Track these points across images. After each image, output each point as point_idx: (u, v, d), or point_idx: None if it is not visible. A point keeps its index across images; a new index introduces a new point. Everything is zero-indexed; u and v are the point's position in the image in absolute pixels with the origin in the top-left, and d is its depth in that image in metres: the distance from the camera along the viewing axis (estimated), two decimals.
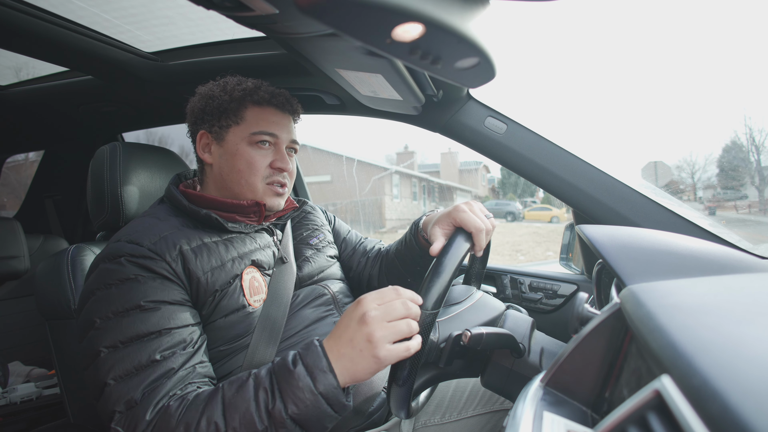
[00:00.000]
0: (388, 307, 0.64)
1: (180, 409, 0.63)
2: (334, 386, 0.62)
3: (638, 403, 0.31)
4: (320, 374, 0.62)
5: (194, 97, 0.97)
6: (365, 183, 17.05)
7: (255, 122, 0.92)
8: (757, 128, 19.91)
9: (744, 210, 14.85)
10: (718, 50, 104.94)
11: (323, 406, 0.61)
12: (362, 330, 0.62)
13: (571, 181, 1.08)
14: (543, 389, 0.50)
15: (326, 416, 0.62)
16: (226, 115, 0.92)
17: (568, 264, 1.43)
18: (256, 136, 0.91)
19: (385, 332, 0.62)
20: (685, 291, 0.44)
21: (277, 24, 0.62)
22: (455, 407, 1.01)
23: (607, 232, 0.66)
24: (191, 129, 0.97)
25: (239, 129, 0.92)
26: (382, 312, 0.63)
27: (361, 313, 0.63)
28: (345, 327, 0.64)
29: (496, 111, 1.16)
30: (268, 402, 0.62)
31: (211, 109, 0.92)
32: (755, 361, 0.28)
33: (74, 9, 1.07)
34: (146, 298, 0.72)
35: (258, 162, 0.92)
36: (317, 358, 0.63)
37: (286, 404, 0.61)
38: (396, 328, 0.63)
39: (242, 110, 0.92)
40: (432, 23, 0.36)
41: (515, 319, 0.77)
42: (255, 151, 0.92)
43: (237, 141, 0.91)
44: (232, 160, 0.91)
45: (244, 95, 0.92)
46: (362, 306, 0.64)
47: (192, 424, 0.61)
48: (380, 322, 0.62)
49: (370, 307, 0.63)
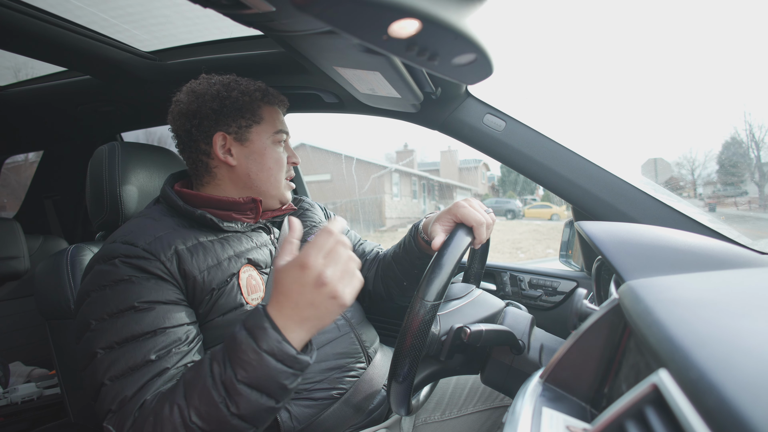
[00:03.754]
0: (334, 255, 0.62)
1: (152, 401, 0.64)
2: (278, 340, 0.60)
3: (636, 397, 0.31)
4: (261, 332, 0.60)
5: (187, 97, 0.92)
6: (365, 182, 17.05)
7: (272, 122, 0.95)
8: (756, 124, 19.88)
9: (744, 206, 14.84)
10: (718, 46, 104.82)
11: (272, 363, 0.60)
12: (322, 291, 0.60)
13: (571, 178, 1.08)
14: (542, 385, 0.50)
15: (279, 373, 0.60)
16: (244, 115, 0.92)
17: (568, 261, 1.43)
18: (278, 135, 0.96)
19: (344, 281, 0.62)
20: (684, 286, 0.44)
21: (275, 22, 0.61)
22: (455, 404, 1.02)
23: (606, 229, 0.66)
24: (194, 130, 0.91)
25: (261, 128, 0.94)
26: (333, 264, 0.62)
27: (315, 276, 0.60)
28: (298, 293, 0.61)
29: (495, 108, 1.16)
30: (221, 372, 0.61)
31: (228, 109, 0.90)
32: (752, 354, 0.28)
33: (72, 9, 1.07)
34: (140, 299, 0.72)
35: (283, 159, 0.97)
36: (258, 319, 0.61)
37: (235, 370, 0.60)
38: (349, 270, 0.63)
39: (259, 110, 0.94)
40: (428, 19, 0.36)
41: (515, 316, 0.77)
42: (279, 149, 0.96)
43: (263, 140, 0.94)
44: (261, 160, 0.93)
45: (261, 95, 0.94)
46: (312, 269, 0.60)
47: (159, 412, 0.62)
48: (336, 275, 0.61)
49: (321, 266, 0.61)
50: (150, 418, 0.62)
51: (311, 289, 0.61)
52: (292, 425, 0.85)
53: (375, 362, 1.00)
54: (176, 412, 0.61)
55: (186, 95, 0.92)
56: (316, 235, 0.63)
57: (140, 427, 0.62)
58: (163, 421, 0.61)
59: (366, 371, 0.97)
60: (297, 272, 0.61)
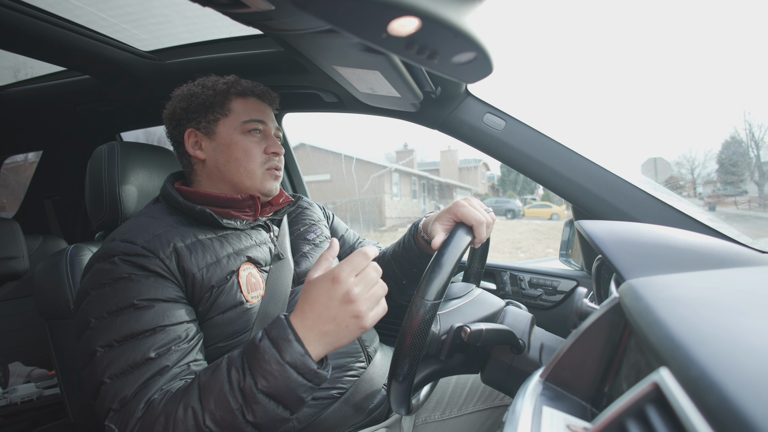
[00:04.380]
0: (365, 276, 0.64)
1: (162, 402, 0.64)
2: (301, 354, 0.61)
3: (637, 395, 0.31)
4: (285, 344, 0.61)
5: (171, 101, 0.98)
6: (364, 181, 17.05)
7: (243, 112, 0.95)
8: (756, 124, 19.86)
9: (744, 205, 14.84)
10: (718, 46, 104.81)
11: (293, 376, 0.61)
12: (347, 308, 0.62)
13: (570, 177, 1.08)
14: (542, 384, 0.50)
15: (299, 386, 0.61)
16: (213, 109, 0.94)
17: (568, 260, 1.43)
18: (248, 124, 0.94)
19: (369, 303, 0.64)
20: (684, 284, 0.44)
21: (274, 21, 0.61)
22: (455, 403, 1.01)
23: (606, 228, 0.66)
24: (174, 131, 0.97)
25: (229, 120, 0.94)
26: (363, 285, 0.63)
27: (344, 292, 0.62)
28: (324, 305, 0.63)
29: (495, 107, 1.15)
30: (240, 380, 0.61)
31: (195, 106, 0.94)
32: (752, 352, 0.28)
33: (71, 8, 1.07)
34: (140, 297, 0.72)
35: (253, 149, 0.95)
36: (282, 330, 0.62)
37: (255, 379, 0.60)
38: (376, 295, 0.65)
39: (228, 102, 0.94)
40: (428, 17, 0.36)
41: (515, 315, 0.77)
42: (249, 139, 0.95)
43: (229, 132, 0.94)
44: (227, 151, 0.93)
45: (227, 88, 0.95)
46: (342, 284, 0.62)
47: (171, 413, 0.62)
48: (364, 296, 0.63)
49: (351, 284, 0.62)
50: (161, 419, 0.62)
51: (337, 304, 0.62)
52: (292, 425, 0.85)
53: (375, 362, 1.00)
54: (190, 414, 0.61)
55: (170, 100, 0.98)
56: (353, 254, 0.65)
57: (149, 426, 0.62)
58: (176, 422, 0.61)
59: (366, 370, 0.97)
60: (327, 284, 0.63)
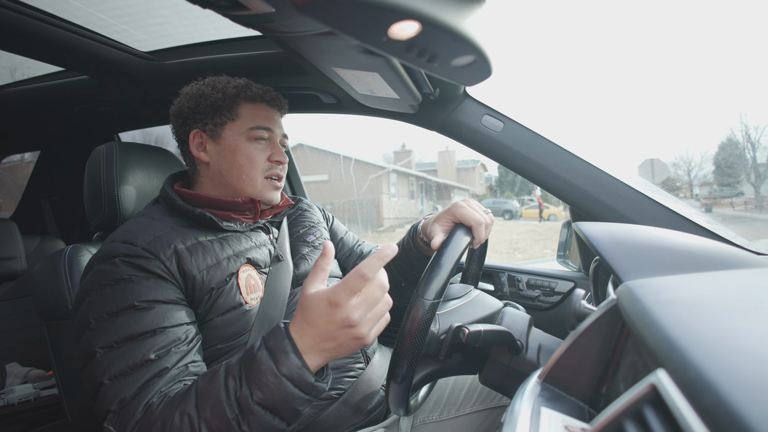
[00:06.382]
0: (367, 298, 0.61)
1: (160, 406, 0.64)
2: (298, 366, 0.59)
3: (634, 397, 0.31)
4: (282, 356, 0.59)
5: (180, 98, 0.96)
6: (362, 182, 17.04)
7: (251, 118, 0.94)
8: (752, 125, 19.97)
9: (740, 207, 14.91)
10: (714, 48, 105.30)
11: (290, 389, 0.59)
12: (347, 331, 0.60)
13: (568, 179, 1.08)
14: (540, 385, 0.50)
15: (295, 399, 0.60)
16: (221, 113, 0.93)
17: (566, 261, 1.43)
18: (254, 131, 0.93)
19: (371, 324, 0.62)
20: (681, 286, 0.44)
21: (274, 23, 0.61)
22: (453, 404, 1.02)
23: (603, 229, 0.67)
24: (180, 129, 0.96)
25: (236, 125, 0.93)
26: (365, 307, 0.60)
27: (343, 317, 0.59)
28: (323, 327, 0.60)
29: (493, 109, 1.16)
30: (236, 389, 0.60)
31: (203, 107, 0.93)
32: (749, 353, 0.28)
33: (70, 9, 1.07)
34: (140, 298, 0.72)
35: (257, 156, 0.94)
36: (280, 340, 0.61)
37: (251, 390, 0.59)
38: (379, 313, 0.63)
39: (236, 107, 0.93)
40: (428, 21, 0.36)
41: (513, 316, 0.78)
42: (253, 146, 0.94)
43: (235, 137, 0.93)
44: (231, 156, 0.92)
45: (237, 92, 0.93)
46: (342, 309, 0.59)
47: (168, 418, 0.61)
48: (365, 318, 0.61)
49: (351, 308, 0.59)
50: (158, 424, 0.62)
51: (337, 328, 0.60)
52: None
53: (373, 362, 1.00)
54: (186, 421, 0.60)
55: (179, 96, 0.97)
56: (349, 275, 0.60)
57: (146, 430, 0.62)
58: (172, 428, 0.60)
59: (364, 371, 0.97)
60: (326, 308, 0.60)
